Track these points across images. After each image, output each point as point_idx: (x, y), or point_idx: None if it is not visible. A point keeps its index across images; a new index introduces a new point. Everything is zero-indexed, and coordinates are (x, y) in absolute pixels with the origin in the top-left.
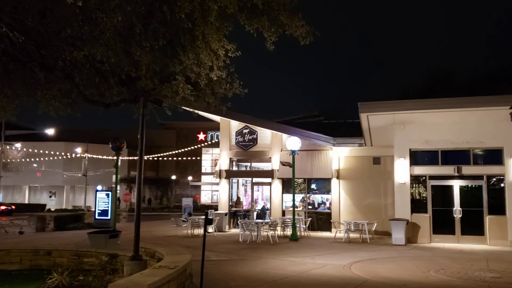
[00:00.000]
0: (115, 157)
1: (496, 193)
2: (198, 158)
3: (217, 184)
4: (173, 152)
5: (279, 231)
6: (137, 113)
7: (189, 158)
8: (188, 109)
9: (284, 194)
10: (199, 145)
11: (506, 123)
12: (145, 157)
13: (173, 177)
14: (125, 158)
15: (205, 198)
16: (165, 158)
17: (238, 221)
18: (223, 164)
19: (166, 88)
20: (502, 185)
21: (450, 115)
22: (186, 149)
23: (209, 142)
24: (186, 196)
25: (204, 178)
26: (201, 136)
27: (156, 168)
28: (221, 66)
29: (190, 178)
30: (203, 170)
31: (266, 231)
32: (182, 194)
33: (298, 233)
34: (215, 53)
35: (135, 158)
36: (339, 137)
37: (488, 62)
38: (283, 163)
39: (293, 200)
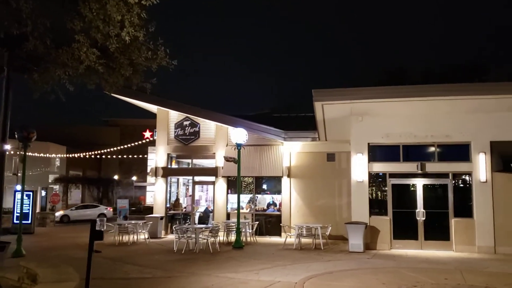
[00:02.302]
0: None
1: (463, 193)
2: (145, 156)
3: None
4: (115, 148)
5: (222, 237)
6: (38, 91)
7: (134, 156)
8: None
9: (229, 195)
10: (142, 141)
11: (474, 116)
12: (85, 155)
13: (115, 177)
14: (64, 155)
15: (151, 199)
16: (109, 157)
17: (174, 226)
18: (160, 161)
19: (65, 54)
20: (469, 184)
21: (414, 106)
22: (129, 145)
23: (155, 139)
24: (127, 197)
25: (150, 179)
26: (147, 134)
27: (98, 168)
28: (136, 24)
29: (134, 178)
30: (148, 170)
31: (205, 238)
32: (126, 196)
33: (244, 239)
34: (125, 2)
35: (76, 155)
36: (291, 131)
37: (441, 61)
38: (227, 159)
39: (238, 201)
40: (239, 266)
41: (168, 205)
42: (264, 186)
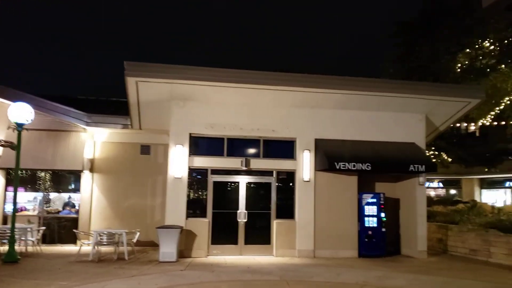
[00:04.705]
0: None
1: (286, 193)
2: None
3: None
4: None
5: None
6: None
7: None
8: None
9: (8, 192)
10: None
11: (300, 111)
12: None
13: None
14: None
15: None
16: None
17: None
18: None
19: None
20: (292, 183)
21: (241, 95)
22: None
23: None
24: None
25: None
26: None
27: None
28: None
29: None
30: None
31: None
32: None
33: (24, 249)
34: None
35: None
36: (97, 114)
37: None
38: (2, 143)
39: (15, 201)
40: None
41: None
42: (61, 182)
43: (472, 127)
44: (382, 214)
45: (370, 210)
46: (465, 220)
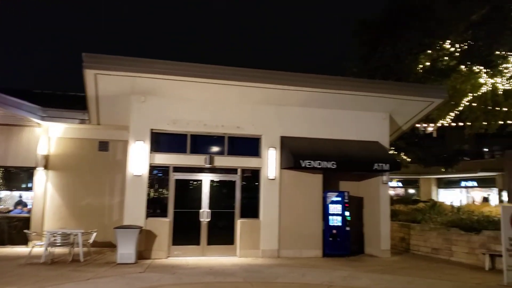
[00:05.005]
0: None
1: (251, 191)
2: None
3: None
4: None
5: None
6: None
7: None
8: None
9: None
10: None
11: (266, 108)
12: None
13: None
14: None
15: None
16: None
17: None
18: None
19: None
20: (257, 181)
21: (205, 90)
22: None
23: None
24: None
25: None
26: None
27: None
28: None
29: None
30: None
31: None
32: None
33: None
34: None
35: None
36: (53, 108)
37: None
38: None
39: None
40: None
41: None
42: (13, 180)
43: (430, 128)
44: (347, 213)
45: (335, 208)
46: (426, 219)
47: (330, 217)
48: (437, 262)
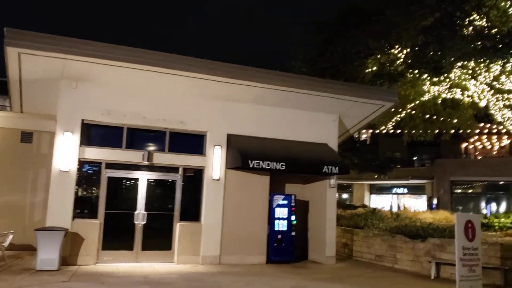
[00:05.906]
0: None
1: (193, 192)
2: None
3: None
4: None
5: None
6: None
7: None
8: None
9: None
10: None
11: (212, 103)
12: None
13: None
14: None
15: None
16: None
17: None
18: None
19: None
20: (200, 181)
21: (145, 79)
22: None
23: None
24: None
25: None
26: None
27: None
28: None
29: None
30: None
31: None
32: None
33: None
34: None
35: None
36: None
37: None
38: None
39: None
40: None
41: None
42: None
43: (364, 136)
44: (293, 217)
45: (281, 212)
46: (369, 224)
47: (276, 221)
48: (382, 270)
